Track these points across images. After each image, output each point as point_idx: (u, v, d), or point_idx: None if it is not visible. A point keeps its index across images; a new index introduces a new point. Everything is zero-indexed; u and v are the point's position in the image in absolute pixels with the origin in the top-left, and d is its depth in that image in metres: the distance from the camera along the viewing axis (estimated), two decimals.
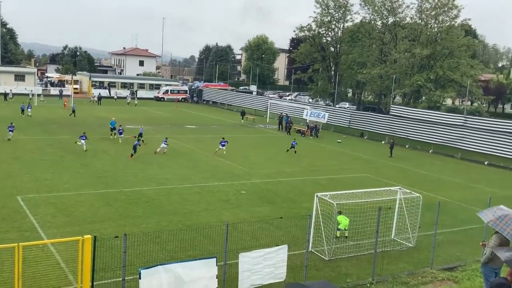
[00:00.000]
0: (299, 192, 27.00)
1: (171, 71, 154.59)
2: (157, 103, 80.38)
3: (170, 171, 29.81)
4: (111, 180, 26.74)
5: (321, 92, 79.44)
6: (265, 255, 13.92)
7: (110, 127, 41.41)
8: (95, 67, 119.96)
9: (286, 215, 21.30)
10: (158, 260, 14.80)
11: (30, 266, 13.42)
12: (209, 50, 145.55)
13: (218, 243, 16.99)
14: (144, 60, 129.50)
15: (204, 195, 24.99)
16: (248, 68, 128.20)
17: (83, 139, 34.51)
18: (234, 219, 20.65)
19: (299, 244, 17.45)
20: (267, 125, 59.55)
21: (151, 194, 24.42)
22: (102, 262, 14.42)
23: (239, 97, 79.53)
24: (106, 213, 20.96)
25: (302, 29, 75.23)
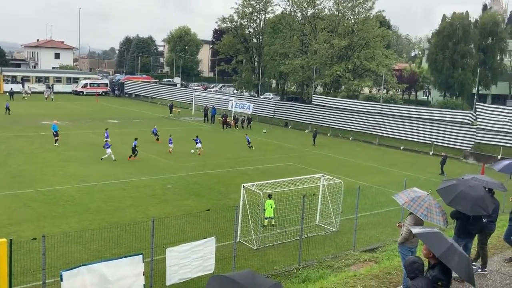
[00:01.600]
0: (226, 183, 27.08)
1: (90, 64, 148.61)
2: (76, 98, 77.05)
3: (92, 168, 28.77)
4: (27, 179, 25.36)
5: (246, 83, 79.99)
6: (192, 248, 13.85)
7: (53, 131, 35.72)
8: (6, 60, 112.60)
9: (214, 207, 21.31)
10: (81, 261, 14.28)
11: None
12: (130, 42, 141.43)
13: (144, 239, 16.66)
14: (60, 53, 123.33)
15: (129, 191, 24.39)
16: (171, 60, 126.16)
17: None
18: (161, 213, 20.34)
19: (227, 235, 17.54)
20: (192, 117, 59.05)
21: (71, 192, 23.46)
22: (20, 266, 13.70)
23: (163, 89, 78.16)
24: (23, 215, 19.88)
25: (224, 20, 75.19)
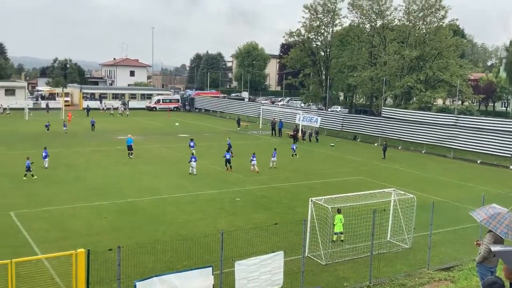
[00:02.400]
0: (293, 197, 26.96)
1: (162, 81, 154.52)
2: (149, 113, 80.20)
3: (163, 181, 29.69)
4: (104, 192, 26.59)
5: (313, 97, 79.64)
6: (261, 262, 13.85)
7: (127, 145, 37.52)
8: (85, 79, 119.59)
9: (282, 221, 21.24)
10: (154, 272, 14.68)
11: (24, 282, 13.28)
12: (200, 58, 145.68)
13: (214, 252, 16.88)
14: (135, 70, 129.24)
15: (199, 204, 24.89)
16: (239, 75, 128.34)
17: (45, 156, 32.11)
18: (230, 226, 20.56)
19: (296, 249, 17.38)
20: (260, 131, 59.55)
21: (145, 204, 24.29)
22: (97, 275, 14.30)
23: (231, 104, 79.54)
24: (100, 226, 20.82)
25: (291, 34, 75.48)
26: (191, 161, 31.68)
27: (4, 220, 20.89)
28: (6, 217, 21.31)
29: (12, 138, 45.46)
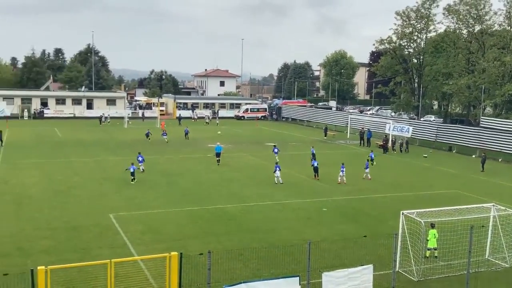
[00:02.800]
0: (383, 209, 26.15)
1: (250, 90, 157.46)
2: (237, 122, 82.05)
3: (251, 189, 30.14)
4: (195, 198, 27.52)
5: (404, 106, 77.04)
6: (349, 275, 13.57)
7: (216, 152, 38.75)
8: (179, 89, 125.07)
9: (370, 233, 20.65)
10: (242, 278, 14.92)
11: (121, 282, 14.06)
12: (287, 68, 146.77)
13: (300, 262, 16.81)
14: (225, 81, 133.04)
15: (286, 213, 24.95)
16: (327, 84, 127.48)
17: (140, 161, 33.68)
18: (316, 237, 20.36)
19: (385, 264, 16.83)
20: (347, 140, 58.59)
21: (233, 211, 24.80)
22: (188, 278, 14.80)
23: (318, 113, 79.10)
24: (191, 231, 21.55)
25: (382, 41, 73.74)
26: (276, 171, 31.82)
27: (104, 222, 22.33)
28: (106, 219, 22.76)
29: (112, 145, 48.58)
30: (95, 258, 17.17)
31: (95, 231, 20.90)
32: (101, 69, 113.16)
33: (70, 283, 14.89)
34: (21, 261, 17.25)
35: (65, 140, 52.03)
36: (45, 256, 17.75)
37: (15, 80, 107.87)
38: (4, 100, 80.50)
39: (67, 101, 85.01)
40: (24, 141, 49.83)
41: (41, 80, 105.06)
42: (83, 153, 43.02)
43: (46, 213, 23.43)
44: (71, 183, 30.52)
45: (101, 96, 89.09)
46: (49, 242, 19.42)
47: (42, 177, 32.08)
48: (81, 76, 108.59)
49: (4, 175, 32.22)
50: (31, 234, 20.27)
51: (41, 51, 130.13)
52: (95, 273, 14.98)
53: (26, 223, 21.76)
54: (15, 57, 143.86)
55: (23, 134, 55.31)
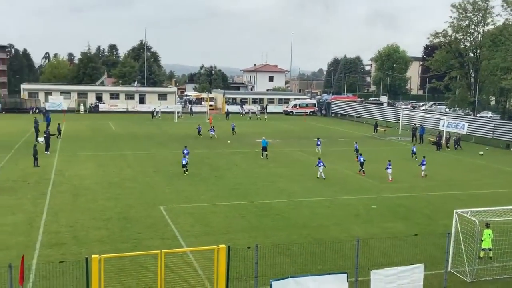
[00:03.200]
0: (435, 208, 25.42)
1: (299, 85, 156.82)
2: (286, 117, 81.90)
3: (298, 184, 30.04)
4: (243, 192, 27.73)
5: (460, 101, 74.45)
6: (399, 274, 13.30)
7: (262, 146, 39.39)
8: (228, 84, 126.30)
9: (422, 232, 20.13)
10: (289, 273, 14.93)
11: (171, 272, 14.39)
12: (338, 63, 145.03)
13: (348, 259, 16.64)
14: (274, 76, 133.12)
15: (334, 209, 24.72)
16: (378, 79, 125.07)
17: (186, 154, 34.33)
18: (365, 234, 20.08)
19: (437, 263, 16.39)
20: (399, 137, 57.28)
21: (280, 206, 24.81)
22: (235, 272, 14.95)
23: (369, 108, 77.73)
24: (239, 224, 21.75)
25: (437, 35, 71.46)
26: (319, 165, 31.57)
27: (155, 214, 22.91)
28: (157, 211, 23.33)
29: (163, 139, 49.70)
30: (146, 248, 17.68)
31: (146, 222, 21.47)
32: (153, 65, 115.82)
33: (122, 272, 15.38)
34: (76, 249, 17.99)
35: (119, 133, 53.71)
36: (99, 245, 18.43)
37: (71, 75, 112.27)
38: (62, 95, 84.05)
39: (121, 96, 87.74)
40: (80, 134, 51.83)
41: (96, 75, 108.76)
42: (135, 146, 44.27)
43: (100, 204, 24.29)
44: (124, 175, 31.49)
45: (152, 91, 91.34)
46: (103, 232, 20.13)
47: (96, 169, 33.27)
48: (134, 71, 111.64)
49: (62, 166, 33.64)
50: (86, 224, 21.08)
51: (96, 47, 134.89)
52: (146, 263, 15.42)
53: (81, 213, 22.65)
54: (71, 53, 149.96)
55: (79, 128, 57.54)
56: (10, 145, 42.01)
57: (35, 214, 22.31)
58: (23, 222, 21.09)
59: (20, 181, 28.92)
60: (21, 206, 23.49)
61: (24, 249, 17.47)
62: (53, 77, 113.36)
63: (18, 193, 25.95)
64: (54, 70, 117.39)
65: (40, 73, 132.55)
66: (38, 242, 18.68)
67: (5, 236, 19.24)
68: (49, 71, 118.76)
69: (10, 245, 18.23)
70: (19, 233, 19.64)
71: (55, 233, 19.71)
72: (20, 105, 78.60)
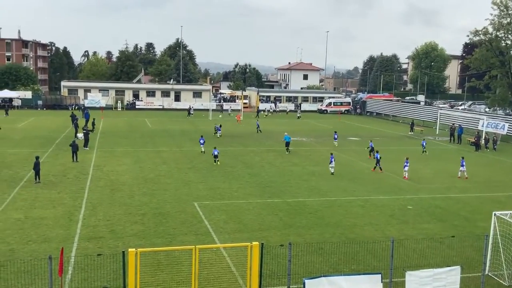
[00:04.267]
0: (473, 209, 24.81)
1: (334, 84, 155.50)
2: (320, 116, 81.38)
3: (332, 183, 29.85)
4: (276, 190, 27.76)
5: (500, 101, 72.18)
6: (435, 276, 13.07)
7: (286, 141, 40.68)
8: (262, 82, 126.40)
9: (459, 234, 19.71)
10: (321, 272, 14.89)
11: (205, 268, 14.59)
12: (373, 61, 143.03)
13: (382, 259, 16.45)
14: (308, 74, 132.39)
15: (368, 209, 24.45)
16: (415, 77, 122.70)
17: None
18: (400, 235, 19.79)
19: (474, 266, 16.03)
20: (436, 137, 56.09)
21: (314, 205, 24.72)
22: (268, 269, 15.02)
23: (405, 107, 76.36)
24: (272, 222, 21.79)
25: (477, 33, 69.45)
26: (331, 162, 32.34)
27: (189, 210, 23.22)
28: (191, 207, 23.64)
29: (198, 136, 50.15)
30: (181, 243, 17.96)
31: (181, 218, 21.79)
32: (189, 63, 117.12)
33: (158, 266, 15.68)
34: (113, 243, 18.43)
35: (155, 130, 54.59)
36: (135, 239, 18.83)
37: (110, 73, 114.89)
38: (100, 92, 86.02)
39: (157, 94, 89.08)
40: (117, 130, 52.95)
41: (134, 73, 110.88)
42: (170, 143, 44.92)
43: (136, 199, 24.80)
44: (159, 171, 32.02)
45: (188, 89, 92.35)
46: (139, 226, 20.55)
47: (133, 164, 33.95)
48: (170, 69, 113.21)
49: (100, 162, 34.48)
50: (123, 218, 21.56)
51: (133, 46, 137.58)
52: (181, 258, 15.67)
53: (118, 208, 23.18)
54: (110, 51, 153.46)
55: (116, 124, 58.80)
56: (50, 141, 43.35)
57: (74, 208, 22.98)
58: (62, 215, 21.76)
59: (60, 175, 29.82)
60: (61, 200, 24.23)
61: (63, 242, 18.04)
62: (92, 75, 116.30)
63: (58, 187, 26.77)
64: (93, 68, 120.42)
65: (79, 71, 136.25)
66: (76, 235, 19.24)
67: (46, 228, 19.90)
68: (88, 68, 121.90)
69: (50, 238, 18.85)
70: (59, 226, 20.28)
71: (93, 227, 20.26)
72: (60, 102, 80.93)
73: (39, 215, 21.60)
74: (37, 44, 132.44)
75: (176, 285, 14.46)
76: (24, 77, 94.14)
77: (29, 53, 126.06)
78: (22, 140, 44.02)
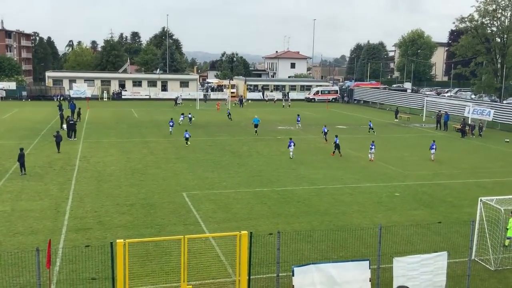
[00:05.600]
0: (459, 195, 25.09)
1: (321, 72, 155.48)
2: (308, 104, 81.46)
3: (320, 171, 29.95)
4: (264, 179, 27.79)
5: (486, 88, 73.00)
6: (422, 261, 13.19)
7: (254, 123, 45.28)
8: (250, 71, 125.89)
9: (445, 220, 19.93)
10: (310, 259, 14.98)
11: (194, 257, 14.58)
12: (360, 49, 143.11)
13: (371, 246, 16.59)
14: (296, 62, 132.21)
15: (356, 196, 24.60)
16: (402, 65, 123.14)
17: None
18: (388, 221, 19.96)
19: (460, 252, 16.24)
20: (423, 124, 56.50)
21: (302, 193, 24.80)
22: (257, 258, 15.06)
23: (392, 95, 76.73)
24: (260, 211, 21.83)
25: (462, 20, 69.99)
26: (290, 146, 33.54)
27: (178, 200, 23.16)
28: (180, 197, 23.58)
29: (185, 126, 49.94)
30: (169, 234, 17.93)
31: (169, 208, 21.73)
32: (175, 52, 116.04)
33: (146, 257, 15.64)
34: (101, 234, 18.33)
35: (141, 120, 54.22)
36: (123, 230, 18.75)
37: (95, 62, 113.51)
38: (85, 82, 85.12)
39: (143, 83, 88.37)
40: (103, 121, 52.49)
41: (119, 62, 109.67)
42: (158, 133, 44.66)
43: (124, 190, 24.66)
44: (146, 161, 31.85)
45: (175, 78, 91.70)
46: (127, 217, 20.45)
47: (120, 155, 33.71)
48: (156, 59, 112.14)
49: (86, 153, 34.19)
50: (110, 209, 21.44)
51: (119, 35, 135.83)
52: (170, 248, 15.65)
53: (106, 199, 23.04)
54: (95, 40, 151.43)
55: (102, 115, 58.27)
56: (36, 132, 42.85)
57: (61, 199, 22.79)
58: (49, 207, 21.57)
59: (47, 167, 29.52)
60: (47, 192, 24.01)
61: (50, 234, 17.91)
62: (77, 65, 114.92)
63: (45, 179, 26.51)
64: (78, 57, 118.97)
65: (64, 61, 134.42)
66: (64, 227, 19.10)
67: (33, 220, 19.72)
68: (73, 58, 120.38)
69: (38, 230, 18.69)
70: (46, 218, 20.11)
71: (81, 218, 20.12)
72: (45, 93, 79.91)
73: (25, 207, 21.40)
74: (21, 34, 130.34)
75: (165, 275, 14.45)
76: (8, 68, 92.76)
77: (13, 43, 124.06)
78: (6, 132, 43.44)
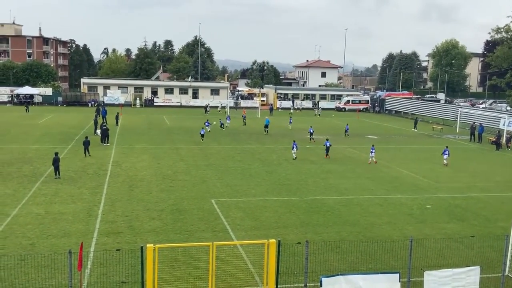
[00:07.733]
0: (493, 209, 24.43)
1: (352, 81, 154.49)
2: (338, 113, 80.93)
3: (350, 181, 29.67)
4: (293, 188, 27.70)
5: None
6: (453, 275, 12.90)
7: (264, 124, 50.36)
8: (280, 80, 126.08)
9: (478, 234, 19.44)
10: (339, 270, 14.82)
11: (222, 264, 14.64)
12: (393, 58, 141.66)
13: (400, 258, 16.31)
14: (326, 71, 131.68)
15: (386, 208, 24.25)
16: (435, 75, 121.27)
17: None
18: (418, 234, 19.60)
19: (494, 267, 15.80)
20: (456, 135, 55.36)
21: (331, 203, 24.61)
22: (285, 266, 15.00)
23: (425, 106, 75.47)
24: (289, 220, 21.76)
25: (498, 30, 68.65)
26: (293, 149, 35.68)
27: (207, 207, 23.31)
28: (209, 204, 23.74)
29: (215, 133, 50.36)
30: (198, 240, 18.06)
31: (198, 215, 21.90)
32: (206, 60, 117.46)
33: (175, 262, 15.78)
34: (131, 238, 18.61)
35: (173, 127, 54.92)
36: (153, 235, 18.98)
37: (129, 70, 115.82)
38: (119, 89, 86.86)
39: (175, 91, 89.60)
40: (135, 127, 53.40)
41: (152, 70, 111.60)
42: (188, 140, 45.13)
43: (154, 196, 24.98)
44: (177, 168, 32.20)
45: (205, 86, 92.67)
46: (157, 222, 20.70)
47: (151, 161, 34.20)
48: (188, 66, 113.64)
49: (118, 158, 34.83)
50: (141, 214, 21.75)
51: (152, 43, 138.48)
52: (198, 254, 15.76)
53: (137, 204, 23.39)
54: (129, 48, 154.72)
55: (135, 121, 59.29)
56: (70, 137, 43.92)
57: (93, 203, 23.26)
58: (82, 210, 22.04)
59: (80, 171, 30.20)
60: (80, 196, 24.55)
61: (82, 237, 18.28)
62: (111, 72, 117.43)
63: (78, 183, 27.12)
64: (112, 65, 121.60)
65: (99, 68, 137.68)
66: (95, 230, 19.48)
67: (66, 223, 20.18)
68: (107, 66, 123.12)
69: (70, 233, 19.11)
70: (78, 221, 20.55)
71: (112, 222, 20.48)
72: (80, 99, 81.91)
73: (59, 210, 21.92)
74: (58, 41, 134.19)
75: (193, 281, 14.54)
76: (45, 74, 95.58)
77: (50, 50, 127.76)
78: (42, 136, 44.69)
